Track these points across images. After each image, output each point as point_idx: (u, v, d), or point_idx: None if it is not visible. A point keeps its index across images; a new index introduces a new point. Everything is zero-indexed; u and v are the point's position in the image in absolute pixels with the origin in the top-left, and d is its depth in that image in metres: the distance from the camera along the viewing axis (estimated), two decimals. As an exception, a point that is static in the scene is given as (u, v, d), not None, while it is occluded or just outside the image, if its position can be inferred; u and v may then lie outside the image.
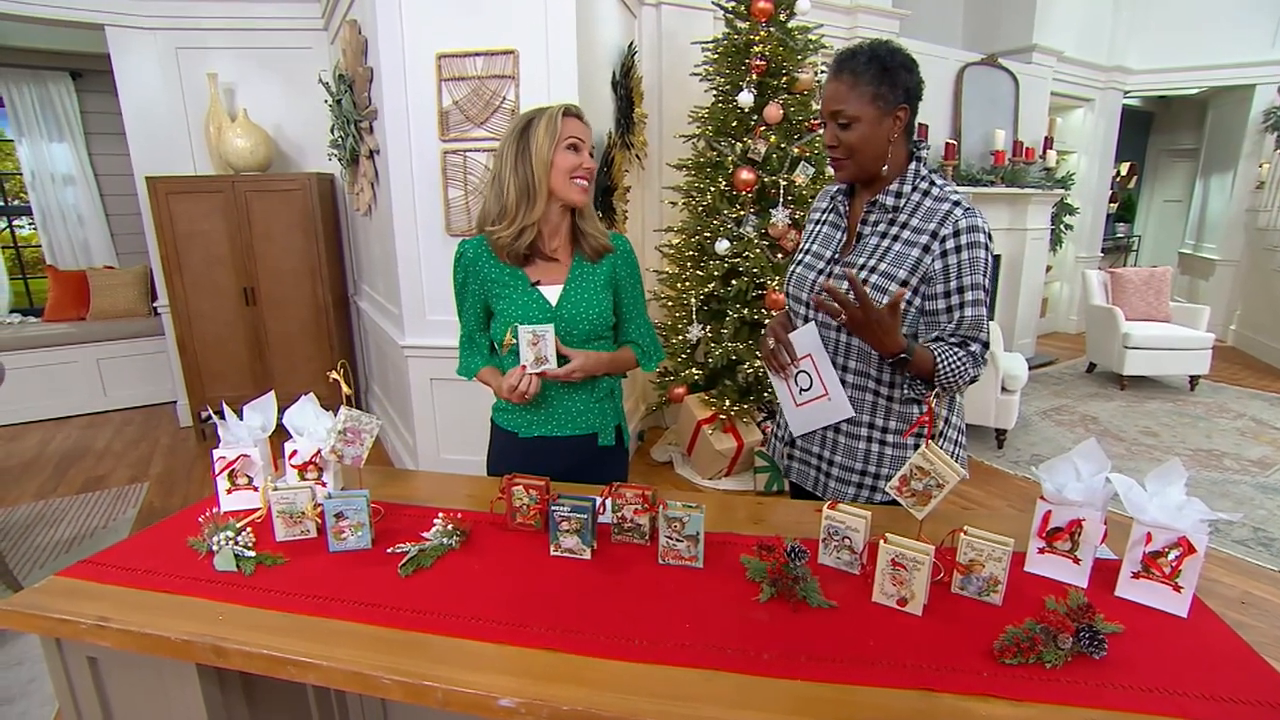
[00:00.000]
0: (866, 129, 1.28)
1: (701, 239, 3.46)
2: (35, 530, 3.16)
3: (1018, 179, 5.52)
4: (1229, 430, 4.42)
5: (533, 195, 1.47)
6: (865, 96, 1.27)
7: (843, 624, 0.99)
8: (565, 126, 1.47)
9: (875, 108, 1.27)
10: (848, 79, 1.27)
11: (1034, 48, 5.79)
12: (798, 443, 1.51)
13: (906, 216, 1.33)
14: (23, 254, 5.80)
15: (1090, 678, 0.88)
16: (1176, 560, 1.00)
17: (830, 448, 1.44)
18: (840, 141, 1.31)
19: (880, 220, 1.36)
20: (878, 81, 1.26)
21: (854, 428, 1.40)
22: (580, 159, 1.48)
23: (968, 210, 1.29)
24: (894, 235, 1.33)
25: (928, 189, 1.33)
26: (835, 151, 1.33)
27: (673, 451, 3.84)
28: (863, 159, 1.31)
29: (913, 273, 1.30)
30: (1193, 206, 7.55)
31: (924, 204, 1.32)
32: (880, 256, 1.33)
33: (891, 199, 1.34)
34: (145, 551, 1.22)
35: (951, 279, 1.29)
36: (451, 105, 2.81)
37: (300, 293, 4.22)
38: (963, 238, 1.28)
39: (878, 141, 1.30)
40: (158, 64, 4.07)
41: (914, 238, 1.31)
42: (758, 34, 3.22)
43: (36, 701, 2.06)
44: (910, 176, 1.34)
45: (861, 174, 1.35)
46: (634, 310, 1.66)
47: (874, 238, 1.36)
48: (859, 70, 1.27)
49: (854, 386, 1.39)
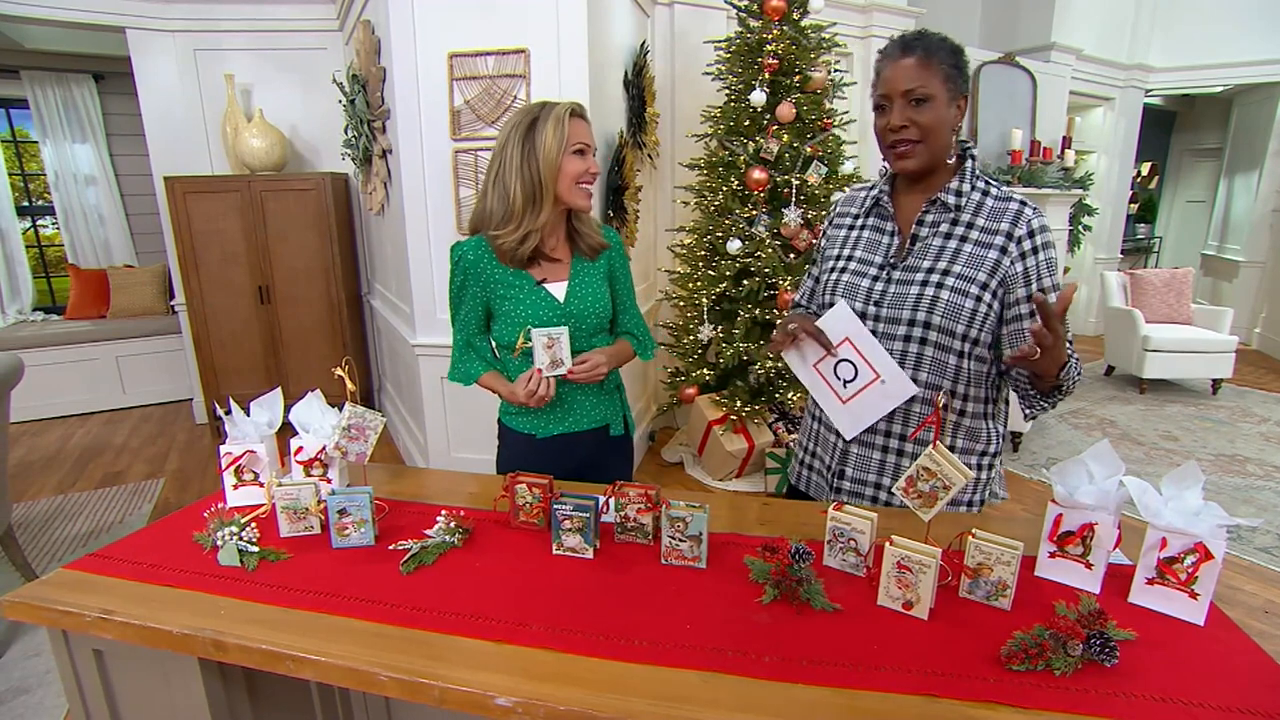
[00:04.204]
0: (940, 110, 1.20)
1: (713, 238, 3.44)
2: (54, 524, 3.21)
3: (1035, 179, 5.45)
4: (1253, 435, 4.32)
5: (539, 200, 1.45)
6: (939, 75, 1.19)
7: (847, 627, 0.98)
8: (572, 131, 1.44)
9: (947, 90, 1.20)
10: (920, 56, 1.19)
11: (1052, 46, 5.71)
12: (848, 473, 1.38)
13: (970, 216, 1.26)
14: (46, 253, 5.91)
15: (1100, 686, 0.85)
16: (1193, 566, 0.97)
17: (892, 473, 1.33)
18: (913, 122, 1.20)
19: (940, 221, 1.28)
20: (950, 63, 1.20)
21: (920, 448, 1.29)
22: (586, 164, 1.47)
23: (1035, 209, 1.25)
24: (960, 236, 1.25)
25: (986, 188, 1.27)
26: (907, 133, 1.21)
27: (684, 452, 3.82)
28: (935, 144, 1.22)
29: (992, 275, 1.22)
30: (1216, 207, 7.40)
31: (987, 203, 1.26)
32: (950, 259, 1.25)
33: (953, 197, 1.26)
34: (151, 545, 1.23)
35: (1033, 281, 1.22)
36: (463, 104, 2.82)
37: (314, 291, 4.26)
38: (1038, 238, 1.22)
39: (947, 127, 1.22)
40: (176, 66, 4.13)
41: (986, 239, 1.23)
42: (770, 33, 3.20)
43: (54, 691, 2.08)
44: (968, 175, 1.27)
45: (932, 162, 1.24)
46: (627, 302, 1.67)
47: (935, 239, 1.27)
48: (932, 49, 1.19)
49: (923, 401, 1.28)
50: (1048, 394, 1.23)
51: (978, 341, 1.27)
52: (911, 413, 1.30)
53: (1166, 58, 6.56)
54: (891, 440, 1.33)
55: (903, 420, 1.31)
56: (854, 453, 1.37)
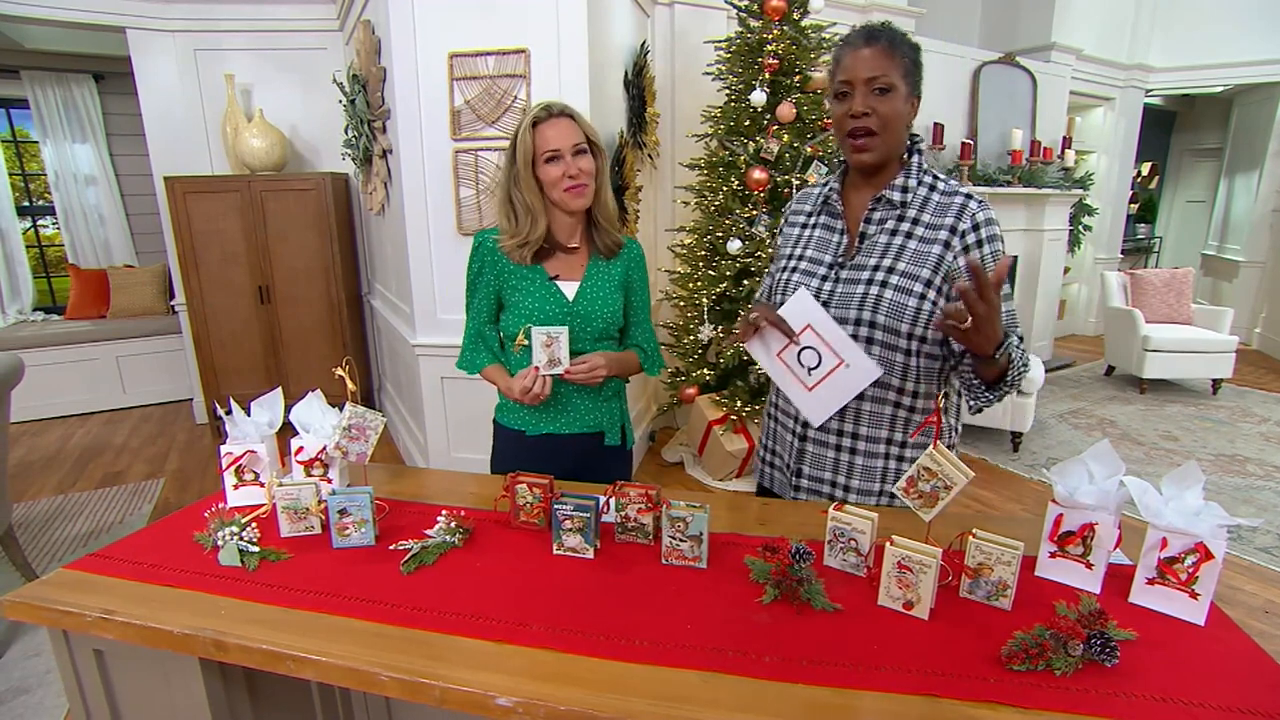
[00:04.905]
0: (899, 103, 1.20)
1: (714, 238, 3.44)
2: (54, 524, 3.21)
3: (1035, 179, 5.45)
4: (1253, 435, 4.32)
5: (534, 213, 1.49)
6: (900, 68, 1.20)
7: (847, 627, 0.98)
8: (537, 141, 1.45)
9: (907, 84, 1.21)
10: (884, 46, 1.19)
11: (1052, 46, 5.71)
12: (805, 471, 1.39)
13: (916, 212, 1.26)
14: (46, 253, 5.91)
15: (1101, 686, 0.85)
16: (1193, 566, 0.97)
17: (846, 471, 1.34)
18: (875, 110, 1.20)
19: (887, 218, 1.28)
20: (911, 58, 1.22)
21: (873, 445, 1.32)
22: (562, 168, 1.45)
23: (981, 202, 1.25)
24: (906, 233, 1.26)
25: (932, 183, 1.28)
26: (868, 122, 1.20)
27: (684, 452, 3.82)
28: (892, 135, 1.22)
29: (936, 271, 1.23)
30: (1216, 207, 7.40)
31: (933, 199, 1.27)
32: (896, 256, 1.25)
33: (898, 194, 1.27)
34: (152, 545, 1.23)
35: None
36: (463, 104, 2.82)
37: (314, 291, 4.26)
38: (983, 231, 1.23)
39: (903, 122, 1.23)
40: (176, 66, 4.13)
41: (931, 234, 1.24)
42: (771, 33, 3.21)
43: (54, 691, 2.08)
44: (914, 170, 1.28)
45: (888, 153, 1.25)
46: (641, 315, 1.67)
47: (882, 236, 1.28)
48: (896, 41, 1.20)
49: (872, 400, 1.29)
50: (992, 384, 1.19)
51: (925, 339, 1.26)
52: (862, 411, 1.30)
53: (1166, 58, 6.56)
54: (844, 439, 1.33)
55: (854, 419, 1.32)
56: (810, 451, 1.37)
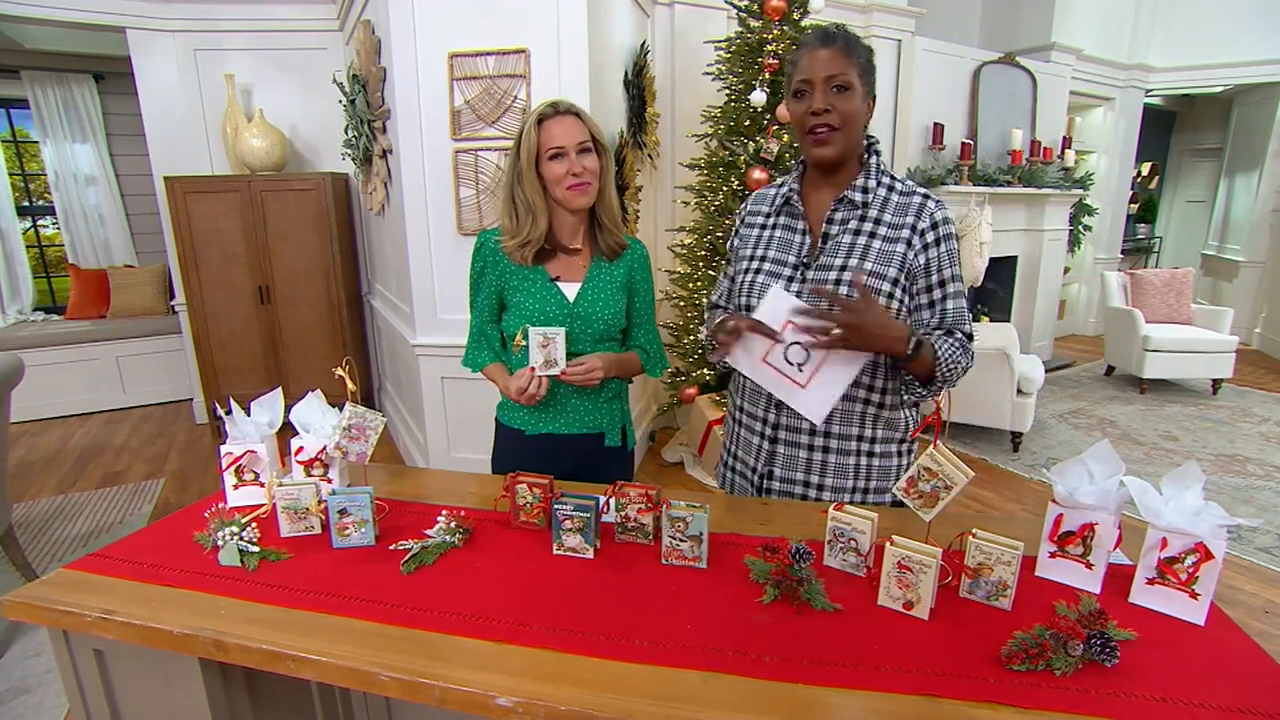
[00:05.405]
0: (857, 101, 1.24)
1: (713, 238, 3.44)
2: (55, 524, 3.21)
3: (1035, 179, 5.44)
4: (1253, 435, 4.32)
5: (535, 212, 1.49)
6: (857, 68, 1.23)
7: (847, 627, 0.98)
8: (543, 138, 1.44)
9: (863, 84, 1.25)
10: (841, 46, 1.23)
11: (1052, 46, 5.70)
12: (776, 473, 1.39)
13: (877, 212, 1.29)
14: (46, 253, 5.91)
15: (1101, 686, 0.85)
16: (1193, 566, 0.97)
17: (819, 470, 1.36)
18: (835, 107, 1.23)
19: (849, 218, 1.30)
20: (866, 59, 1.26)
21: (844, 443, 1.33)
22: (567, 165, 1.44)
23: (938, 202, 1.29)
24: (869, 233, 1.28)
25: (891, 184, 1.31)
26: (828, 118, 1.23)
27: (684, 452, 3.82)
28: (851, 133, 1.26)
29: (900, 270, 1.26)
30: (1216, 207, 7.40)
31: (892, 199, 1.29)
32: (861, 255, 1.27)
33: (859, 194, 1.29)
34: (152, 545, 1.23)
35: (934, 272, 1.27)
36: (463, 104, 2.82)
37: (314, 291, 4.26)
38: (940, 230, 1.27)
39: (861, 121, 1.26)
40: (177, 66, 4.13)
41: (893, 234, 1.27)
42: (771, 33, 3.21)
43: (54, 691, 2.08)
44: (873, 171, 1.30)
45: (847, 149, 1.27)
46: (644, 316, 1.66)
47: (845, 236, 1.30)
48: (852, 44, 1.25)
49: (842, 398, 1.29)
50: (925, 381, 1.27)
51: None
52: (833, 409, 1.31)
53: (1166, 58, 6.55)
54: (816, 438, 1.34)
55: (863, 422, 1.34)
56: (781, 453, 1.38)
